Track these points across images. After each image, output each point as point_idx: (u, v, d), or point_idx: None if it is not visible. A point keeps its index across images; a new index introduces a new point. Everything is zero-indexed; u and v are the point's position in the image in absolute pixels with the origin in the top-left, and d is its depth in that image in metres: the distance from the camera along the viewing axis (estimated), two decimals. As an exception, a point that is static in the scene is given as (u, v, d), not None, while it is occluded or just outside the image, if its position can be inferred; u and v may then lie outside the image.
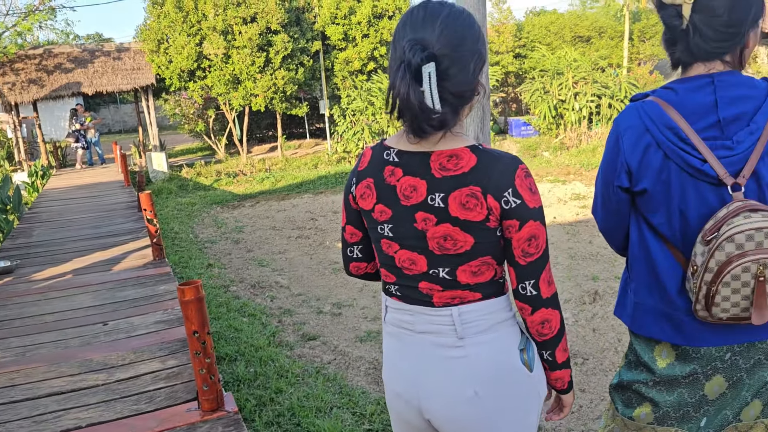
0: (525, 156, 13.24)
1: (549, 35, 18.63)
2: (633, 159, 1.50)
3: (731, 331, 1.51)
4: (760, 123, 1.40)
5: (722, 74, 1.44)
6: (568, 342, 4.28)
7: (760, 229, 1.33)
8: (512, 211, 1.25)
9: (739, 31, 1.41)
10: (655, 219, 1.53)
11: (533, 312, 1.32)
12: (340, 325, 4.93)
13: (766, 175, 1.42)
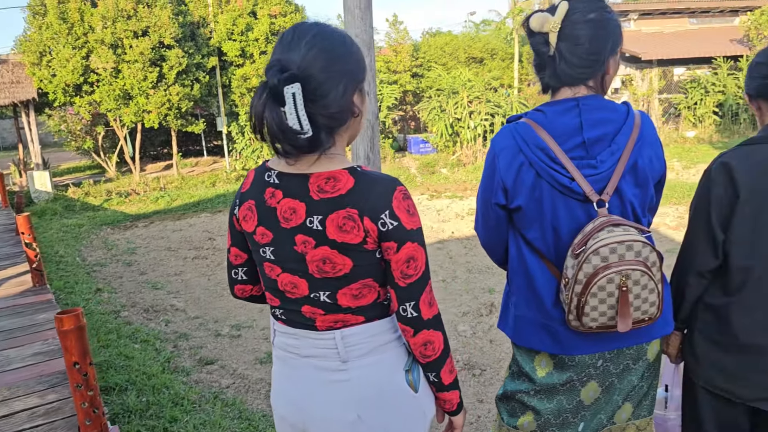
0: (424, 172, 13.53)
1: (444, 56, 19.23)
2: (508, 177, 1.57)
3: (602, 339, 1.59)
4: (620, 143, 1.51)
5: (586, 98, 1.54)
6: (467, 354, 4.39)
7: (622, 242, 1.42)
8: (389, 233, 1.25)
9: (600, 59, 1.52)
10: (530, 234, 1.60)
11: (415, 334, 1.32)
12: (239, 347, 4.78)
13: (627, 191, 1.53)
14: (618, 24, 1.56)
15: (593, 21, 1.50)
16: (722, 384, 1.70)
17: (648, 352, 1.66)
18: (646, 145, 1.54)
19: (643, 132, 1.54)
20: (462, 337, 4.72)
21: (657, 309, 1.50)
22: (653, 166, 1.56)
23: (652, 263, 1.45)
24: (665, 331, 1.66)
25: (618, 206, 1.54)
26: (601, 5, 1.53)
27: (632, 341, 1.61)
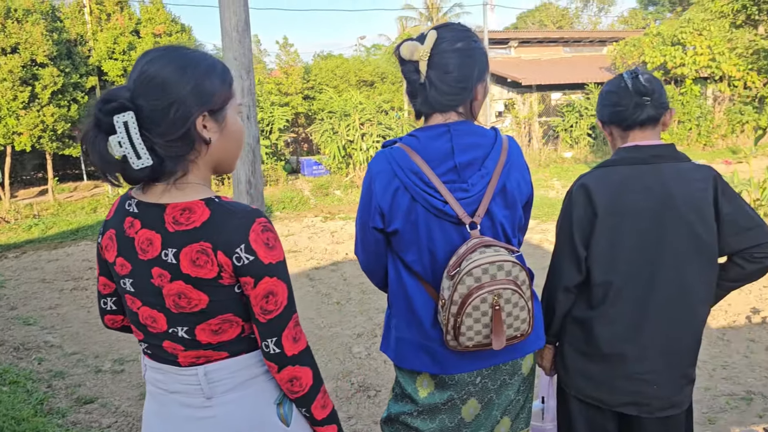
0: (318, 194, 13.50)
1: (336, 78, 19.39)
2: (384, 201, 1.60)
3: (479, 357, 1.64)
4: (489, 167, 1.58)
5: (457, 124, 1.60)
6: (362, 375, 4.38)
7: (493, 262, 1.48)
8: (245, 268, 1.21)
9: (468, 86, 1.59)
10: (408, 257, 1.63)
11: (279, 370, 1.29)
12: (122, 383, 4.50)
13: (498, 213, 1.60)
14: (484, 52, 1.64)
15: (461, 50, 1.57)
16: (591, 392, 1.81)
17: (523, 366, 1.72)
18: (513, 169, 1.62)
19: (511, 156, 1.62)
20: (357, 359, 4.71)
21: (528, 325, 1.56)
22: (521, 188, 1.64)
23: (522, 282, 1.52)
24: (538, 345, 1.74)
25: (490, 227, 1.60)
26: (468, 35, 1.61)
27: (507, 357, 1.67)
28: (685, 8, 31.05)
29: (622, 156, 1.79)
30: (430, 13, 41.98)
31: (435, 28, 1.59)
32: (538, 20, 39.57)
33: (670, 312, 1.75)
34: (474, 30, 1.67)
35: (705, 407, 3.71)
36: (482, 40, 1.69)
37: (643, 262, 1.73)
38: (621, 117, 1.81)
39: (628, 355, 1.76)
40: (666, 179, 1.73)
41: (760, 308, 5.33)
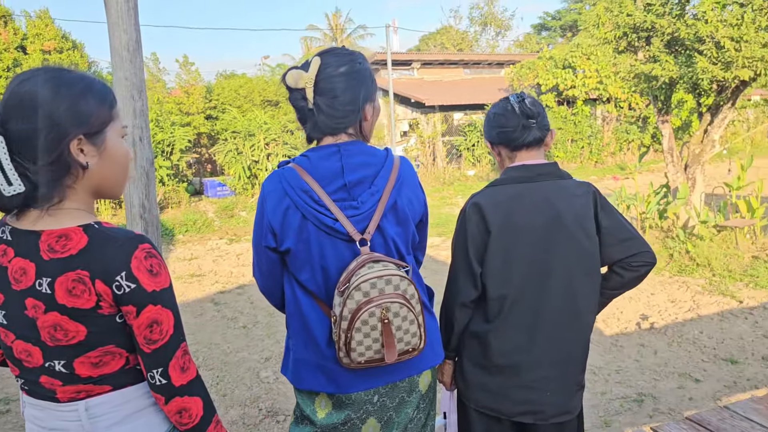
0: (222, 216, 13.17)
1: (239, 98, 19.09)
2: (275, 220, 1.61)
3: (375, 374, 1.65)
4: (379, 185, 1.61)
5: (347, 144, 1.64)
6: (270, 401, 4.28)
7: (381, 276, 1.50)
8: (126, 296, 1.16)
9: (355, 108, 1.63)
10: (302, 276, 1.64)
11: (167, 402, 1.24)
12: (7, 424, 4.16)
13: (389, 230, 1.63)
14: (369, 74, 1.68)
15: (345, 74, 1.61)
16: (489, 404, 1.87)
17: (420, 383, 1.73)
18: (405, 187, 1.66)
19: (402, 175, 1.66)
20: (265, 384, 4.60)
21: (420, 339, 1.58)
22: (413, 206, 1.68)
23: (411, 296, 1.54)
24: (434, 361, 1.75)
25: (382, 244, 1.63)
26: (351, 58, 1.65)
27: (404, 374, 1.68)
28: (574, 34, 33.03)
29: (510, 175, 1.88)
30: (334, 34, 42.35)
31: (318, 55, 1.64)
32: (439, 43, 40.80)
33: (561, 322, 1.84)
34: (366, 52, 1.71)
35: (601, 411, 3.89)
36: (370, 60, 1.73)
37: (534, 275, 1.82)
38: (509, 138, 1.90)
39: (523, 365, 1.83)
40: (552, 196, 1.84)
41: (649, 314, 5.68)
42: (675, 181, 7.87)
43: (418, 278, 1.77)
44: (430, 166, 18.09)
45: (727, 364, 4.49)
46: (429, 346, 1.71)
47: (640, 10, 7.34)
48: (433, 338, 1.75)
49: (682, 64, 7.04)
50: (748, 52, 6.34)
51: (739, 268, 6.67)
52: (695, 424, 2.70)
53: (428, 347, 1.71)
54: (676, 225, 7.83)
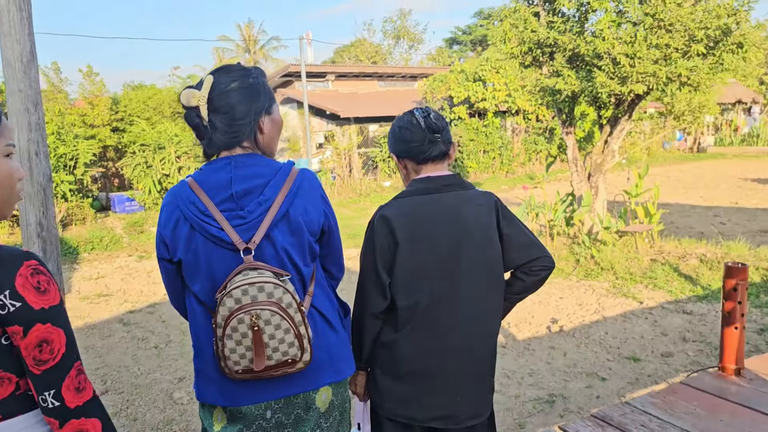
0: (132, 232, 12.63)
1: (148, 110, 18.43)
2: (166, 232, 1.65)
3: (266, 388, 1.63)
4: (269, 195, 1.62)
5: (240, 156, 1.66)
6: (185, 422, 4.13)
7: (253, 284, 1.51)
8: (11, 316, 1.12)
9: (247, 122, 1.66)
10: (195, 287, 1.65)
11: (62, 425, 1.18)
12: None
13: (281, 240, 1.63)
14: (264, 87, 1.71)
15: (237, 90, 1.65)
16: (402, 411, 1.89)
17: (317, 400, 1.70)
18: (300, 197, 1.66)
19: (299, 185, 1.67)
20: (179, 405, 4.43)
21: (299, 350, 1.56)
22: (309, 217, 1.68)
23: (288, 305, 1.53)
24: (333, 378, 1.73)
25: (273, 254, 1.63)
26: (243, 73, 1.68)
27: (297, 389, 1.66)
28: (484, 48, 34.15)
29: (416, 187, 1.93)
30: (247, 45, 41.80)
31: (211, 73, 1.67)
32: (354, 55, 41.09)
33: (470, 328, 1.89)
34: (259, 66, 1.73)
35: (515, 413, 4.01)
36: (264, 74, 1.76)
37: (442, 283, 1.86)
38: (416, 152, 1.94)
39: (434, 372, 1.87)
40: (457, 206, 1.90)
41: (558, 318, 5.91)
42: (579, 189, 8.26)
43: (325, 291, 1.77)
44: (346, 178, 18.13)
45: (630, 362, 4.74)
46: (328, 362, 1.70)
47: (544, 27, 7.69)
48: (336, 354, 1.74)
49: (583, 79, 7.42)
50: (642, 67, 6.77)
51: (639, 271, 7.07)
52: (599, 421, 2.83)
53: (327, 363, 1.70)
54: (581, 231, 8.21)
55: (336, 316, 1.78)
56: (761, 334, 5.04)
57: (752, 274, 6.61)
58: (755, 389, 3.09)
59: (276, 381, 1.61)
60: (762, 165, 19.63)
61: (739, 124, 27.74)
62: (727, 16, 6.60)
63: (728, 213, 11.13)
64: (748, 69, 28.22)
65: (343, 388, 1.79)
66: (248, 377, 1.57)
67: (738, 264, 3.24)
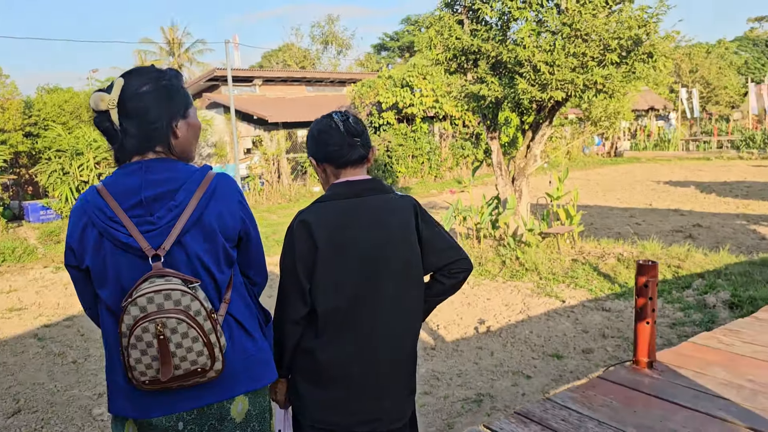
0: (47, 242, 12.02)
1: (64, 114, 17.60)
2: (73, 238, 1.61)
3: (177, 399, 1.59)
4: (180, 200, 1.58)
5: (152, 161, 1.63)
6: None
7: (159, 291, 1.47)
8: None
9: (160, 126, 1.62)
10: (103, 294, 1.60)
11: None
12: None
13: (193, 246, 1.60)
14: (177, 89, 1.67)
15: (149, 93, 1.61)
16: (325, 418, 1.88)
17: (232, 410, 1.66)
18: (215, 202, 1.63)
19: (214, 190, 1.64)
20: (98, 422, 4.25)
21: (209, 359, 1.52)
22: (224, 222, 1.65)
23: (196, 312, 1.49)
24: (249, 387, 1.69)
25: (185, 261, 1.59)
26: (156, 76, 1.64)
27: (210, 399, 1.62)
28: (412, 54, 34.60)
29: (336, 191, 1.92)
30: (171, 48, 40.69)
31: (122, 76, 1.62)
32: (281, 60, 40.73)
33: (391, 331, 1.90)
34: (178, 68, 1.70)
35: (444, 414, 4.07)
36: (180, 77, 1.72)
37: (364, 287, 1.86)
38: (336, 156, 1.93)
39: (356, 376, 1.87)
40: (377, 210, 1.91)
41: (485, 318, 6.05)
42: (504, 193, 8.49)
43: (243, 298, 1.74)
44: (275, 184, 17.93)
45: (553, 359, 4.90)
46: (244, 370, 1.66)
47: (467, 35, 7.87)
48: (253, 363, 1.70)
49: (506, 85, 7.64)
50: (560, 75, 7.04)
51: (561, 271, 7.33)
52: (522, 417, 2.91)
53: (242, 372, 1.66)
54: (507, 234, 8.43)
55: (255, 324, 1.75)
56: (673, 328, 5.32)
57: (664, 271, 6.97)
58: (667, 380, 3.26)
59: (188, 391, 1.57)
60: (673, 168, 20.78)
61: (652, 129, 29.25)
62: (638, 27, 6.95)
63: (643, 214, 11.70)
64: (659, 78, 29.80)
65: (262, 398, 1.75)
66: (157, 388, 1.52)
67: (649, 262, 3.41)
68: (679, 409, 2.92)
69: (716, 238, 9.08)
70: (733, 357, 3.54)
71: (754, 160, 21.94)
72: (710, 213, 11.35)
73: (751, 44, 49.75)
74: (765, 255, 7.41)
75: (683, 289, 6.33)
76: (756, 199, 12.68)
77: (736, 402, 2.96)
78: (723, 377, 3.25)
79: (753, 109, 28.82)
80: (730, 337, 3.87)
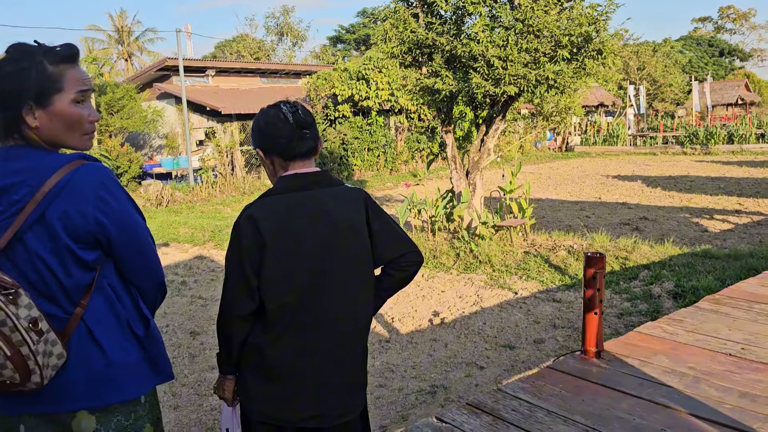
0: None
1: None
2: None
3: (18, 400, 1.54)
4: (23, 194, 1.50)
5: (11, 148, 1.55)
6: None
7: None
8: None
9: (13, 112, 1.52)
10: None
11: None
12: None
13: (34, 245, 1.51)
14: (28, 74, 1.52)
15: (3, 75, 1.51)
16: (273, 413, 1.87)
17: (73, 425, 1.57)
18: (64, 199, 1.51)
19: (64, 186, 1.52)
20: None
21: (15, 372, 1.43)
22: (71, 221, 1.52)
23: (1, 322, 1.41)
24: (90, 404, 1.58)
25: (26, 259, 1.52)
26: (15, 57, 1.53)
27: (47, 408, 1.55)
28: (368, 47, 34.53)
29: (284, 184, 1.88)
30: (121, 36, 39.60)
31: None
32: (235, 50, 40.10)
33: (341, 325, 1.90)
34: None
35: (399, 406, 4.10)
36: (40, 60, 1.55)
37: (313, 282, 1.85)
38: (285, 148, 1.89)
39: (305, 371, 1.86)
40: (326, 202, 1.88)
41: (440, 311, 6.11)
42: (459, 186, 8.57)
43: (110, 304, 1.61)
44: (228, 176, 17.67)
45: (506, 350, 4.98)
46: (85, 385, 1.55)
47: (422, 28, 7.90)
48: (99, 379, 1.57)
49: (460, 80, 7.70)
50: (513, 70, 7.14)
51: (514, 263, 7.46)
52: (474, 408, 2.95)
53: (82, 387, 1.55)
54: (461, 227, 8.52)
55: (115, 334, 1.61)
56: (621, 318, 5.48)
57: (612, 262, 7.17)
58: (614, 369, 3.36)
59: (25, 396, 1.50)
60: (621, 163, 21.37)
61: (601, 125, 29.98)
62: (588, 24, 7.10)
63: (593, 207, 12.01)
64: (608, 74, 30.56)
65: (121, 417, 1.61)
66: None
67: (596, 254, 3.50)
68: (625, 397, 3.01)
69: (662, 230, 9.39)
70: (676, 345, 3.67)
71: (696, 156, 22.76)
72: (656, 206, 11.74)
73: (695, 43, 51.54)
74: (707, 246, 7.71)
75: (630, 280, 6.52)
76: (698, 193, 13.17)
77: (678, 389, 3.07)
78: (666, 365, 3.37)
79: (696, 106, 29.88)
80: (674, 326, 4.02)
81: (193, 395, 4.44)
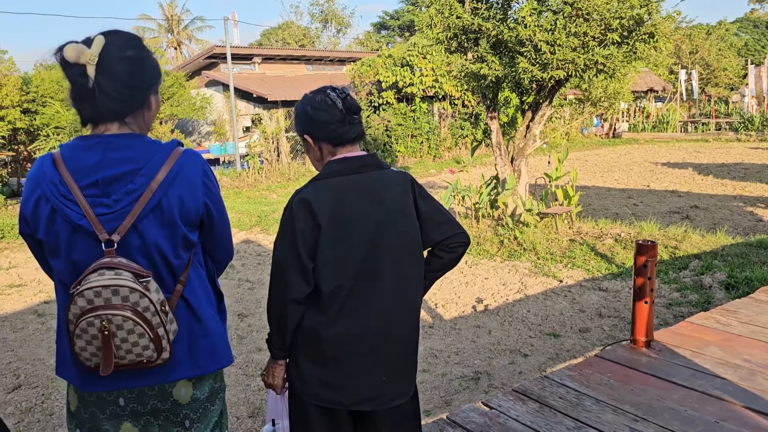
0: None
1: (63, 90, 17.50)
2: (27, 209, 1.57)
3: (118, 377, 1.58)
4: (139, 183, 1.53)
5: (114, 136, 1.56)
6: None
7: (108, 286, 1.43)
8: None
9: (138, 95, 1.58)
10: (56, 265, 1.59)
11: None
12: None
13: (151, 232, 1.55)
14: (155, 64, 1.64)
15: (131, 58, 1.56)
16: (329, 396, 1.88)
17: (174, 393, 1.65)
18: (178, 185, 1.57)
19: (177, 173, 1.57)
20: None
21: (155, 351, 1.51)
22: (185, 206, 1.58)
23: (145, 308, 1.46)
24: (192, 373, 1.66)
25: (140, 247, 1.55)
26: (137, 43, 1.60)
27: (151, 381, 1.61)
28: (412, 33, 34.33)
29: (334, 168, 1.89)
30: (170, 25, 40.33)
31: (102, 34, 1.54)
32: (281, 38, 40.38)
33: (393, 307, 1.91)
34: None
35: (442, 391, 4.11)
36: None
37: (366, 264, 1.86)
38: (335, 134, 1.89)
39: (358, 354, 1.87)
40: (375, 185, 1.90)
41: (483, 297, 6.09)
42: (503, 173, 8.49)
43: (201, 278, 1.71)
44: (274, 162, 17.88)
45: (550, 338, 4.94)
46: (188, 356, 1.64)
47: (468, 14, 7.81)
48: (198, 349, 1.67)
49: (506, 65, 7.60)
50: (561, 54, 7.00)
51: (559, 251, 7.36)
52: (520, 395, 2.95)
53: (186, 358, 1.64)
54: (505, 214, 8.45)
55: (206, 307, 1.71)
56: (669, 308, 5.36)
57: (661, 252, 7.00)
58: (663, 360, 3.29)
59: (130, 372, 1.57)
60: (671, 150, 20.75)
61: (651, 111, 29.14)
62: (640, 6, 6.90)
63: (641, 195, 11.73)
64: (659, 59, 29.60)
65: (212, 381, 1.73)
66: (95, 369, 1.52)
67: (648, 242, 3.43)
68: (676, 388, 2.96)
69: (713, 219, 9.11)
70: (730, 337, 3.58)
71: (751, 143, 21.93)
72: (707, 194, 11.38)
73: (752, 26, 49.46)
74: (761, 236, 7.45)
75: (680, 270, 6.37)
76: (753, 181, 12.70)
77: (733, 381, 3.00)
78: (720, 357, 3.29)
79: (752, 91, 28.73)
80: (728, 317, 3.91)
81: (242, 375, 4.55)
